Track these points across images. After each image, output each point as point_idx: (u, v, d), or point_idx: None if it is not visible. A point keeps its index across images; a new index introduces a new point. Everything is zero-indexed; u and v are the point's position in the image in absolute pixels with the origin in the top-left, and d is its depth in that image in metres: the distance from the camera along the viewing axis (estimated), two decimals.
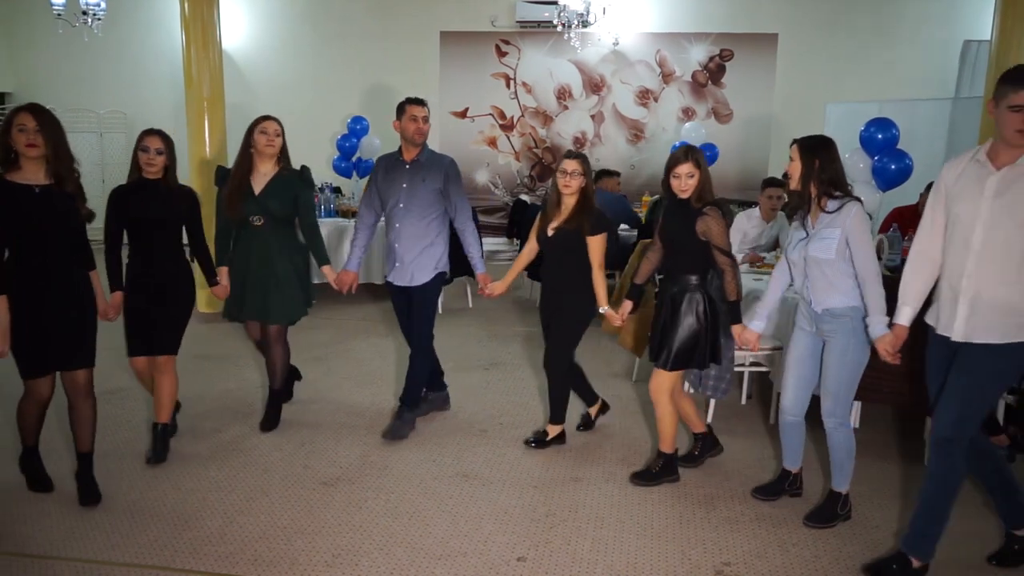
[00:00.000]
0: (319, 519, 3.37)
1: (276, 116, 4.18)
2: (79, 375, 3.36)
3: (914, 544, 2.94)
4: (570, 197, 3.90)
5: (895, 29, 9.71)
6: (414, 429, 4.31)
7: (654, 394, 3.67)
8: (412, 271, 4.20)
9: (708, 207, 3.49)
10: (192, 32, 6.85)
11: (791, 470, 3.64)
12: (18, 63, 11.39)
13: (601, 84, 10.45)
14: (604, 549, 3.17)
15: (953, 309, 2.78)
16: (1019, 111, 2.57)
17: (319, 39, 10.70)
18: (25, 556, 3.03)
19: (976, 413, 2.81)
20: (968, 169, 2.77)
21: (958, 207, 2.76)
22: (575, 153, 3.92)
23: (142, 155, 3.67)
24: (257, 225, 4.06)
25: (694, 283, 3.56)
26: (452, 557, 3.09)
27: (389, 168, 4.24)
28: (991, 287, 2.69)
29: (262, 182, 4.06)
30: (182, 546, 3.13)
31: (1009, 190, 2.64)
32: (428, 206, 4.17)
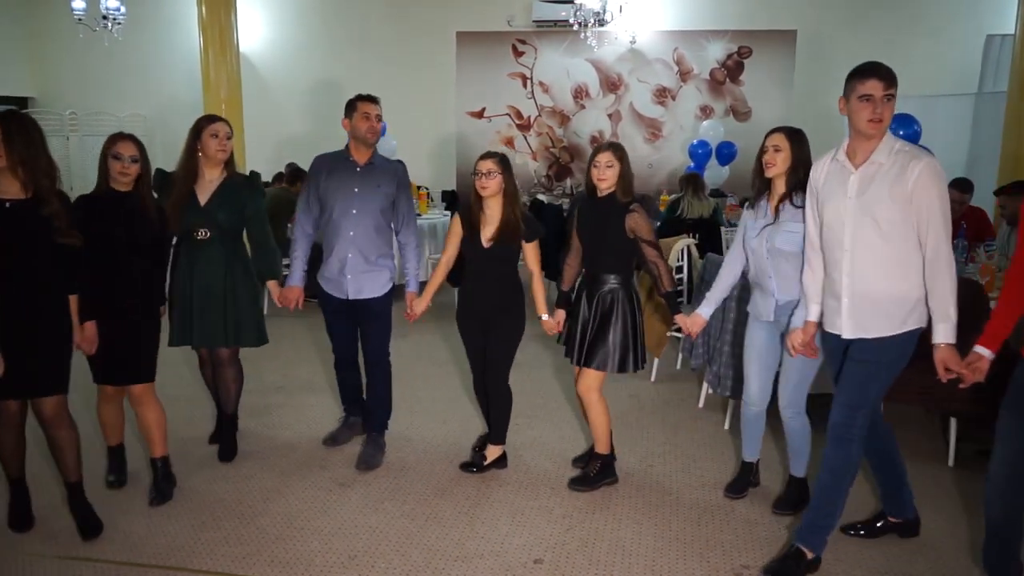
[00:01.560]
0: (335, 520, 3.36)
1: (225, 118, 3.82)
2: (47, 404, 3.05)
3: (807, 536, 2.97)
4: (493, 200, 3.60)
5: (916, 23, 9.59)
6: (384, 452, 4.02)
7: (585, 393, 3.61)
8: (362, 283, 3.82)
9: (634, 203, 3.47)
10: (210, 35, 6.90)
11: (752, 461, 3.67)
12: (39, 68, 11.54)
13: (618, 83, 10.41)
14: (621, 551, 3.15)
15: (838, 307, 2.86)
16: (868, 100, 2.66)
17: (335, 41, 10.74)
18: (45, 556, 3.05)
19: (867, 400, 2.85)
20: (831, 169, 2.86)
21: (827, 209, 2.84)
22: (490, 152, 3.64)
23: (115, 163, 3.25)
24: (201, 240, 3.64)
25: (621, 282, 3.53)
26: (468, 559, 3.07)
27: (335, 170, 3.81)
28: (870, 283, 2.76)
29: (208, 190, 3.65)
30: (199, 547, 3.14)
31: (869, 187, 2.73)
32: (382, 213, 3.82)
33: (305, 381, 5.20)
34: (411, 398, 4.87)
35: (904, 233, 2.70)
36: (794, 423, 3.38)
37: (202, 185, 3.67)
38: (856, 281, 2.79)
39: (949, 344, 2.67)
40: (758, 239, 3.26)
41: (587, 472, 3.72)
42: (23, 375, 2.97)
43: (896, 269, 2.74)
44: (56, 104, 11.13)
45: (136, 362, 3.39)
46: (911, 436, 4.29)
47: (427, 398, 4.90)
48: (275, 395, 4.91)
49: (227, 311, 3.73)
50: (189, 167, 3.66)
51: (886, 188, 2.70)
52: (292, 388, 5.06)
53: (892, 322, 2.77)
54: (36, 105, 11.41)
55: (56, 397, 3.08)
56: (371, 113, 3.77)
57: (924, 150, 2.83)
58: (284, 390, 5.03)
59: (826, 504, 2.93)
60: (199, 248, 3.67)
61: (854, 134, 2.79)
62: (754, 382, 3.45)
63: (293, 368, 5.47)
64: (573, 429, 4.43)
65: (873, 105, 2.66)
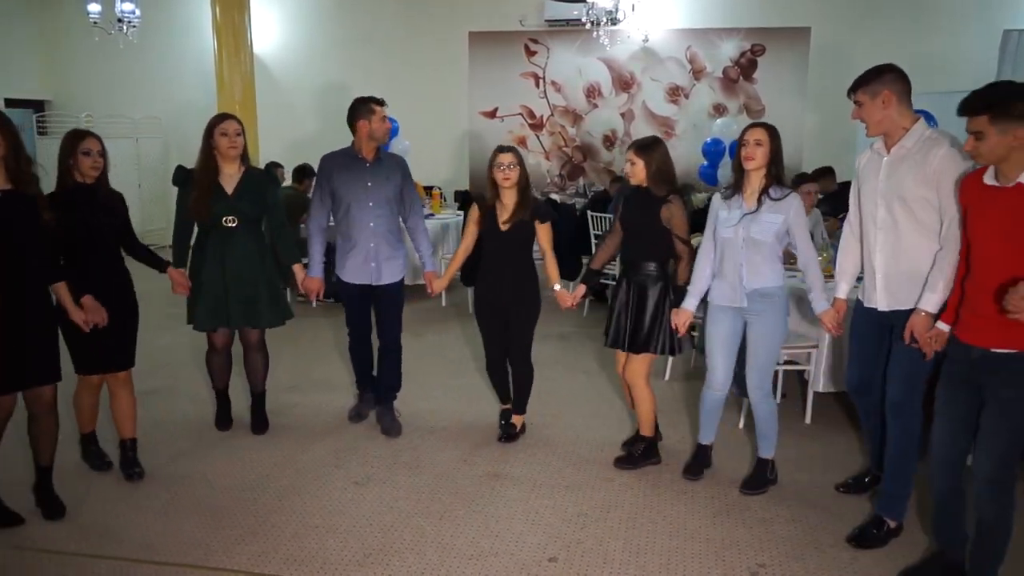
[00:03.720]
0: (351, 518, 3.38)
1: (234, 115, 4.02)
2: (46, 391, 3.22)
3: (886, 506, 3.17)
4: (510, 190, 3.90)
5: (932, 19, 9.51)
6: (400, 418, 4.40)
7: (632, 379, 3.83)
8: (385, 270, 4.16)
9: (672, 195, 3.63)
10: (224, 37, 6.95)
11: (707, 444, 3.83)
12: (55, 71, 11.63)
13: (631, 82, 10.38)
14: (636, 550, 3.14)
15: (873, 283, 3.10)
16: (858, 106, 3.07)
17: (348, 42, 10.77)
18: (62, 554, 3.08)
19: (921, 373, 3.02)
20: (869, 157, 3.15)
21: (863, 192, 3.14)
22: (507, 147, 3.95)
23: (85, 159, 3.40)
24: (230, 227, 3.90)
25: (656, 270, 3.71)
26: (483, 557, 3.07)
27: (346, 167, 4.09)
28: (900, 259, 2.99)
29: (231, 182, 3.92)
30: (216, 545, 3.15)
31: (896, 171, 2.99)
32: (394, 203, 4.17)
33: (320, 381, 5.22)
34: (426, 398, 4.88)
35: (933, 210, 2.91)
36: (763, 406, 3.56)
37: (225, 178, 3.92)
38: (888, 257, 3.02)
39: (928, 314, 2.87)
40: (733, 229, 3.44)
41: (632, 452, 3.94)
42: (19, 366, 3.09)
43: (922, 245, 2.94)
44: (72, 107, 11.22)
45: (127, 348, 3.62)
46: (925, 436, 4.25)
47: (442, 398, 4.90)
48: (289, 394, 4.93)
49: (260, 293, 4.01)
50: (208, 163, 3.89)
51: (911, 171, 2.93)
52: (307, 387, 5.08)
53: None
54: (52, 108, 11.51)
55: (52, 385, 3.24)
56: (385, 115, 4.10)
57: (952, 136, 2.95)
58: (298, 389, 5.05)
59: (899, 475, 3.13)
60: (228, 235, 3.91)
61: None
62: (720, 369, 3.62)
63: (307, 368, 5.49)
64: (587, 429, 4.42)
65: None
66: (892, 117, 2.98)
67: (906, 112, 2.99)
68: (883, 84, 2.97)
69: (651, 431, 3.92)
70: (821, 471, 3.85)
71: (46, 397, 3.23)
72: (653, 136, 3.81)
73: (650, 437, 3.92)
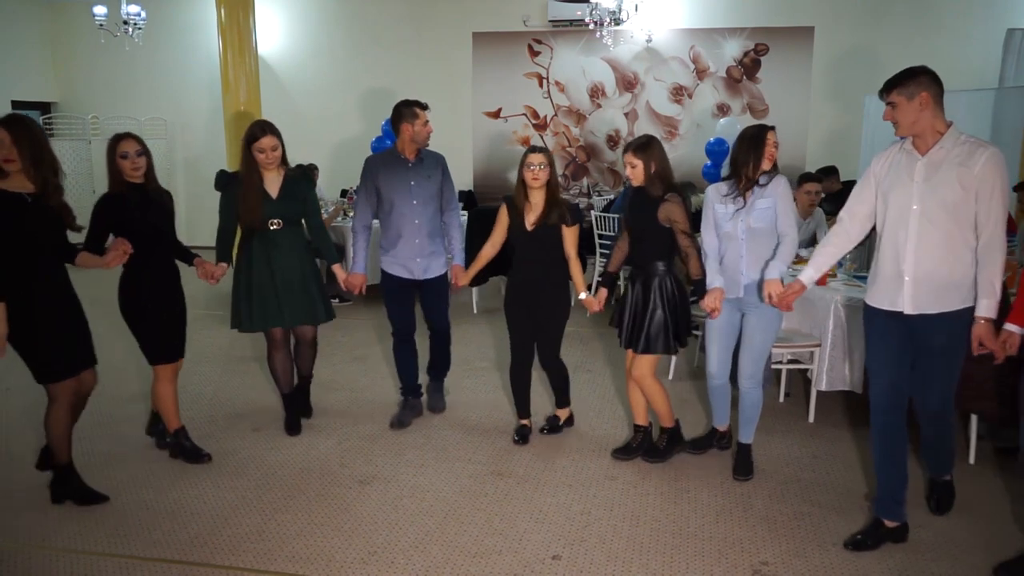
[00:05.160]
0: (355, 517, 3.40)
1: (273, 124, 4.08)
2: (88, 375, 3.48)
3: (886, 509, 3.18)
4: (538, 191, 3.94)
5: (935, 18, 9.49)
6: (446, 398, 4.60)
7: (639, 379, 3.87)
8: (428, 264, 4.32)
9: (669, 194, 3.67)
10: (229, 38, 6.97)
11: (720, 428, 4.02)
12: (62, 73, 11.68)
13: (634, 81, 10.39)
14: (639, 548, 3.15)
15: (899, 286, 3.00)
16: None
17: (353, 43, 10.79)
18: (71, 552, 3.11)
19: (955, 379, 3.06)
20: (896, 159, 3.05)
21: (892, 195, 3.02)
22: (538, 148, 3.99)
23: (124, 162, 3.56)
24: (275, 228, 4.02)
25: (661, 269, 3.74)
26: (487, 555, 3.09)
27: (389, 168, 4.25)
28: (932, 264, 2.93)
29: (275, 186, 4.03)
30: (221, 543, 3.18)
31: (936, 174, 2.92)
32: (434, 200, 4.33)
33: (325, 381, 5.23)
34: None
35: (966, 216, 2.89)
36: (753, 394, 3.69)
37: (269, 181, 4.03)
38: (921, 261, 2.95)
39: (989, 319, 2.87)
40: (731, 223, 3.57)
41: (655, 445, 4.02)
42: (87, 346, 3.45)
43: (955, 250, 2.92)
44: (78, 108, 11.27)
45: (184, 338, 3.88)
46: None
47: (452, 398, 4.91)
48: None
49: (309, 291, 4.15)
50: (251, 170, 3.98)
51: (953, 173, 2.88)
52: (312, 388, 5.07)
53: (951, 300, 2.94)
54: (59, 110, 11.56)
55: (93, 370, 3.51)
56: (427, 120, 4.25)
57: (989, 142, 2.97)
58: None
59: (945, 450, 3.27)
60: (273, 237, 4.03)
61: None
62: (715, 357, 3.76)
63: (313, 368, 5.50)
64: (591, 427, 4.44)
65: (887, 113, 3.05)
66: (927, 120, 2.93)
67: (940, 115, 2.96)
68: (920, 86, 2.93)
69: (670, 421, 4.00)
70: (824, 470, 3.86)
71: (87, 383, 3.49)
72: (647, 135, 3.81)
73: (670, 427, 4.00)
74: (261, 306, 4.08)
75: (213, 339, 6.16)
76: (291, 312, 4.12)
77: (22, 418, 4.48)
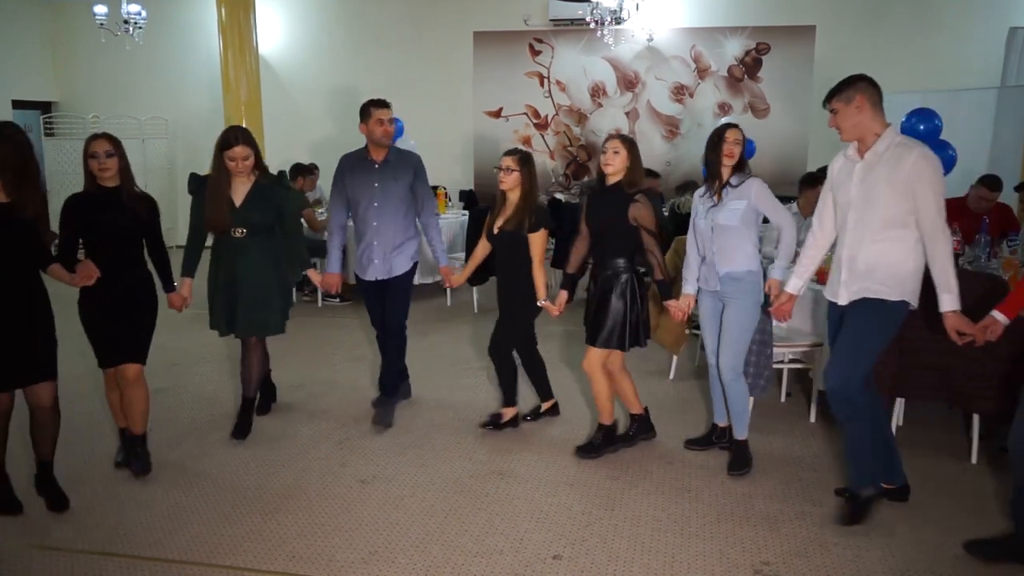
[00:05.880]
0: (356, 516, 3.39)
1: (249, 132, 3.99)
2: (41, 389, 3.29)
3: (859, 481, 3.32)
4: (511, 193, 3.98)
5: (937, 17, 9.48)
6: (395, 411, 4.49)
7: (588, 370, 3.90)
8: (391, 264, 4.30)
9: (639, 194, 3.71)
10: (229, 38, 6.98)
11: (720, 425, 4.03)
12: (62, 73, 11.69)
13: (635, 81, 10.38)
14: (641, 547, 3.15)
15: (838, 279, 3.22)
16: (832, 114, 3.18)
17: (354, 42, 10.79)
18: (71, 552, 3.10)
19: (860, 363, 3.16)
20: (843, 162, 3.25)
21: (838, 195, 3.24)
22: (513, 150, 4.02)
23: (92, 162, 3.45)
24: (238, 237, 3.94)
25: (623, 266, 3.77)
26: (488, 555, 3.08)
27: (357, 169, 4.27)
28: (866, 258, 3.11)
29: (241, 193, 3.95)
30: (222, 543, 3.17)
31: (869, 175, 3.10)
32: (401, 202, 4.27)
33: (325, 380, 5.23)
34: (431, 396, 4.89)
35: (898, 214, 3.04)
36: (734, 386, 3.75)
37: (236, 188, 3.96)
38: (854, 255, 3.14)
39: (955, 311, 2.99)
40: (704, 220, 3.70)
41: (626, 432, 4.11)
42: (14, 365, 3.20)
43: (891, 245, 3.08)
44: (79, 108, 11.26)
45: (137, 342, 3.64)
46: (933, 433, 4.26)
47: (447, 396, 4.91)
48: (295, 393, 4.95)
49: (266, 303, 4.05)
50: (220, 175, 3.92)
51: (884, 175, 3.04)
52: (312, 387, 5.10)
53: (885, 290, 3.10)
54: (59, 109, 11.56)
55: (52, 383, 3.32)
56: (384, 118, 4.17)
57: (921, 143, 3.13)
58: (304, 388, 5.07)
59: (862, 453, 3.29)
60: (237, 246, 3.96)
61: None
62: (709, 345, 3.90)
63: (313, 367, 5.51)
64: (592, 427, 4.42)
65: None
66: (865, 122, 3.11)
67: (878, 118, 3.12)
68: (857, 90, 3.11)
69: (639, 408, 4.09)
70: (826, 469, 3.85)
71: (43, 395, 3.30)
72: (629, 135, 3.88)
73: (638, 414, 4.09)
74: (220, 312, 4.05)
75: (213, 339, 6.13)
76: (242, 322, 4.04)
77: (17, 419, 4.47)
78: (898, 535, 3.22)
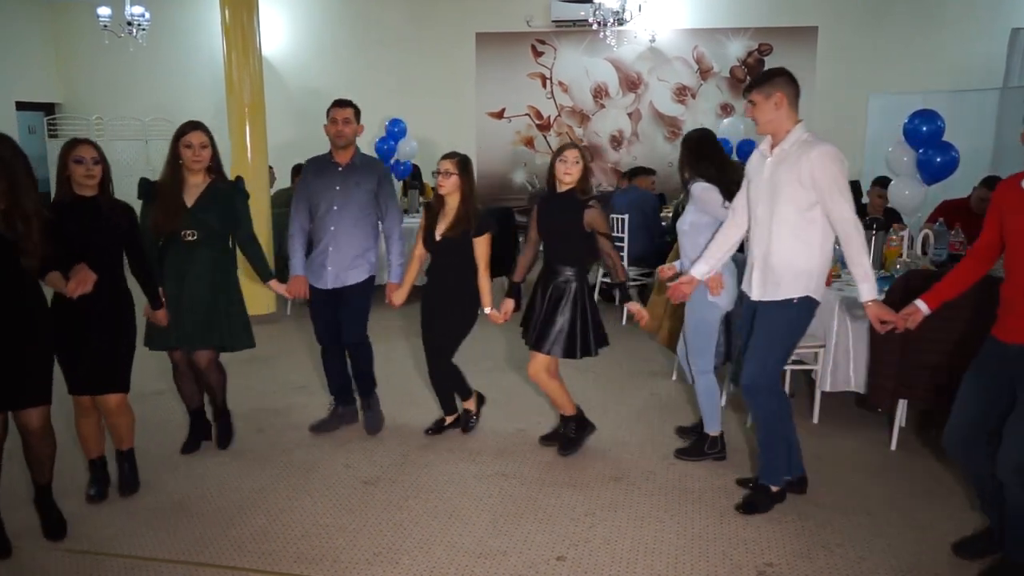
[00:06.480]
0: (360, 518, 3.40)
1: (203, 123, 3.80)
2: (32, 414, 3.02)
3: (767, 475, 3.44)
4: (450, 198, 3.91)
5: (939, 17, 9.48)
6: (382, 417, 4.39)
7: (534, 376, 3.94)
8: (341, 274, 4.09)
9: (593, 200, 3.74)
10: (232, 39, 6.97)
11: (712, 434, 3.97)
12: (67, 74, 11.71)
13: (638, 82, 10.39)
14: (644, 549, 3.15)
15: (751, 272, 3.31)
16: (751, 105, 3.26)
17: (357, 44, 10.81)
18: (75, 552, 3.11)
19: (774, 359, 3.27)
20: (756, 156, 3.33)
21: (750, 188, 3.33)
22: (451, 153, 3.95)
23: (77, 168, 3.18)
24: (191, 241, 3.67)
25: (573, 274, 3.78)
26: (491, 556, 3.09)
27: (320, 171, 4.13)
28: (775, 252, 3.19)
29: (193, 195, 3.70)
30: (227, 543, 3.18)
31: (777, 170, 3.17)
32: (362, 210, 4.10)
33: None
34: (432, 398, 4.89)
35: (802, 210, 3.12)
36: (700, 381, 3.83)
37: (188, 190, 3.71)
38: (763, 250, 3.23)
39: (876, 300, 3.07)
40: (684, 222, 3.86)
41: (565, 434, 4.06)
42: (8, 387, 2.94)
43: (795, 241, 3.16)
44: (82, 109, 11.29)
45: (112, 370, 3.34)
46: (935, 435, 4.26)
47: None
48: (298, 395, 4.96)
49: (218, 312, 3.79)
50: (172, 174, 3.70)
51: (788, 172, 3.12)
52: (315, 388, 5.11)
53: (790, 288, 3.18)
54: (63, 111, 11.59)
55: (43, 408, 3.05)
56: (339, 118, 4.05)
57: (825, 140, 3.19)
58: (307, 389, 5.08)
59: (768, 447, 3.40)
60: (188, 250, 3.70)
61: None
62: (680, 346, 4.11)
63: (316, 368, 5.51)
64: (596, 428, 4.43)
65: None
66: (781, 119, 3.17)
67: (792, 115, 3.18)
68: (777, 86, 3.16)
69: (573, 409, 4.05)
70: (829, 470, 3.86)
71: (34, 420, 3.03)
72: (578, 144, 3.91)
73: (573, 415, 4.05)
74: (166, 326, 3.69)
75: None
76: (187, 334, 3.75)
77: None
78: (902, 536, 3.22)
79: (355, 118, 4.12)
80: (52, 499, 3.27)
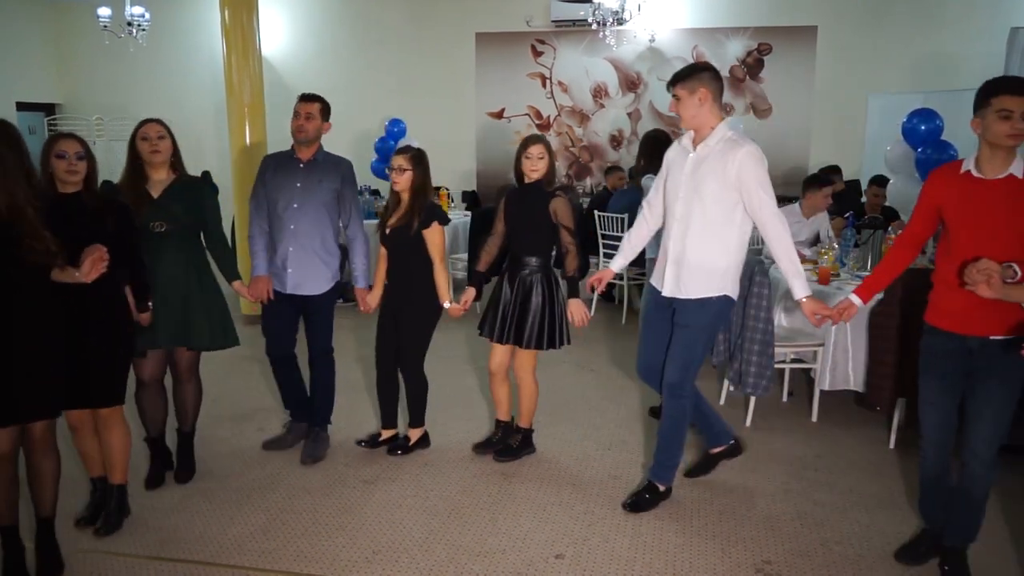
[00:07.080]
0: (360, 517, 3.41)
1: (159, 119, 3.64)
2: (35, 428, 2.81)
3: (659, 473, 3.48)
4: (403, 193, 3.84)
5: (938, 17, 9.47)
6: (329, 446, 4.10)
7: (520, 373, 3.91)
8: (303, 277, 3.89)
9: (558, 190, 3.74)
10: (232, 40, 6.98)
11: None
12: (66, 74, 11.72)
13: (637, 81, 10.39)
14: (643, 547, 3.16)
15: (663, 267, 3.30)
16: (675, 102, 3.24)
17: (356, 44, 10.81)
18: (75, 551, 3.12)
19: (694, 360, 3.29)
20: (677, 150, 3.32)
21: (668, 182, 3.31)
22: (405, 148, 3.90)
23: (59, 163, 2.94)
24: (160, 232, 3.44)
25: (538, 264, 3.78)
26: (490, 554, 3.10)
27: (279, 167, 3.93)
28: (691, 249, 3.19)
29: (160, 187, 3.51)
30: (227, 542, 3.19)
31: (700, 167, 3.16)
32: (324, 209, 3.91)
33: None
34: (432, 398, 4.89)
35: (724, 209, 3.13)
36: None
37: (153, 185, 3.53)
38: (680, 246, 3.22)
39: (809, 296, 3.11)
40: None
41: (509, 444, 4.03)
42: (9, 399, 2.71)
43: (712, 239, 3.17)
44: (83, 110, 11.31)
45: (109, 381, 3.09)
46: None
47: (448, 397, 4.92)
48: None
49: (194, 308, 3.56)
50: (134, 171, 3.54)
51: (712, 170, 3.12)
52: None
53: (703, 287, 3.20)
54: (63, 111, 11.60)
55: (45, 422, 2.84)
56: (300, 111, 3.87)
57: (751, 140, 3.19)
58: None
59: (670, 447, 3.43)
60: (158, 243, 3.44)
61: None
62: None
63: None
64: (594, 427, 4.44)
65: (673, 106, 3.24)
66: (704, 115, 3.15)
67: (716, 112, 3.17)
68: (701, 83, 3.14)
69: (530, 423, 4.03)
70: (827, 469, 3.87)
71: (36, 435, 2.82)
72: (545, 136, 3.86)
73: (527, 428, 4.03)
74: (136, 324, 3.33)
75: None
76: (164, 332, 3.48)
77: None
78: (901, 535, 3.23)
79: (320, 114, 3.88)
80: (54, 536, 3.02)
